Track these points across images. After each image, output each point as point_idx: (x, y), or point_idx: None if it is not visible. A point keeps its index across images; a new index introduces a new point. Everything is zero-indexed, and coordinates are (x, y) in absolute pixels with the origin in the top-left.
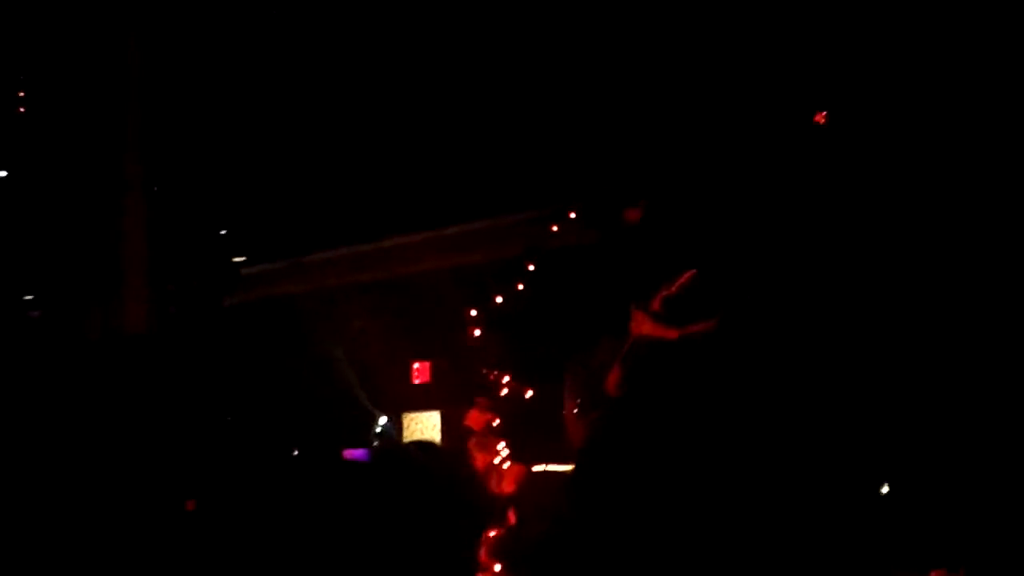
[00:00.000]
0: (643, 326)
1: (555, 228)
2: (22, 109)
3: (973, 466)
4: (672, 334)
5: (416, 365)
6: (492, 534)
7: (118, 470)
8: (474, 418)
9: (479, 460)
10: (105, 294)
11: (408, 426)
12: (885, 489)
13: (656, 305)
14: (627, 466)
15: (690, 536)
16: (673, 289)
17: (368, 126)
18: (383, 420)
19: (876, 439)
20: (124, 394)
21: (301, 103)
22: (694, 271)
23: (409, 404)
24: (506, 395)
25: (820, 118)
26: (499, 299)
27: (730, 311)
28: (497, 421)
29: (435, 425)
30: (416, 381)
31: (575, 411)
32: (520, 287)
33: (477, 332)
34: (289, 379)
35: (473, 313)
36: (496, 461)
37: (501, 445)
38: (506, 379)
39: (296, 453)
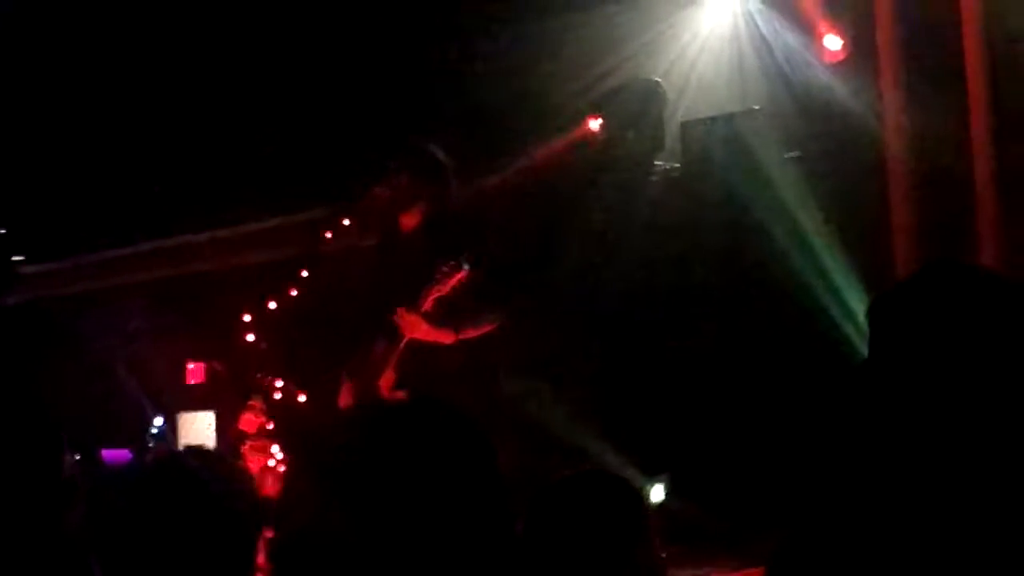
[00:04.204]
0: (417, 329)
1: (328, 235)
2: None
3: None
4: (448, 338)
5: (191, 365)
6: (269, 536)
7: None
8: (247, 421)
9: (253, 463)
10: None
11: (183, 426)
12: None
13: (428, 305)
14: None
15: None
16: (445, 290)
17: (142, 126)
18: (158, 422)
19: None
20: None
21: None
22: (465, 271)
23: (184, 404)
24: (279, 399)
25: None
26: (272, 303)
27: (507, 315)
28: (271, 424)
29: (210, 424)
30: (191, 381)
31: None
32: (293, 291)
33: (250, 336)
34: (63, 381)
35: (246, 317)
36: (271, 464)
37: (275, 448)
38: (279, 383)
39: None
